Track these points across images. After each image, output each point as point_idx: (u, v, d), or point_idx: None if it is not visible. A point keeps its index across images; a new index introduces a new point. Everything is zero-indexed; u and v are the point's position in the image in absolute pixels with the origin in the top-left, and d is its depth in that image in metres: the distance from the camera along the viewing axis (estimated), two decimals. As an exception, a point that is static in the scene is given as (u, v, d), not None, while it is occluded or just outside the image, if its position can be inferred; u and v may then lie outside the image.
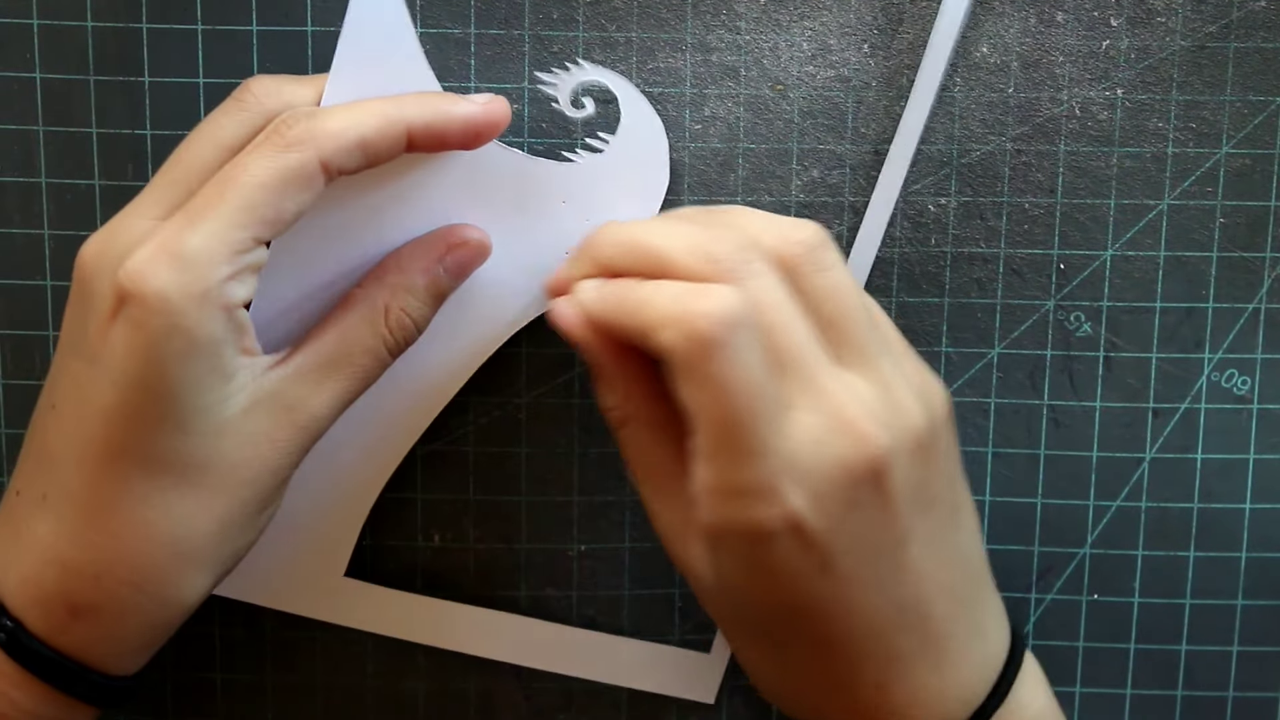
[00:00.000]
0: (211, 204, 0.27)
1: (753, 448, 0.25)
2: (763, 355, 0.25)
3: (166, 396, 0.26)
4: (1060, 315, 0.35)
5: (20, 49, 0.34)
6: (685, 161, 0.35)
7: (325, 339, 0.29)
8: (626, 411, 0.28)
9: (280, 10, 0.34)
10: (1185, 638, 0.36)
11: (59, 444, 0.27)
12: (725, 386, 0.25)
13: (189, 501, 0.27)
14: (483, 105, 0.30)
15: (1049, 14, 0.34)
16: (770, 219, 0.28)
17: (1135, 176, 0.35)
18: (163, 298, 0.26)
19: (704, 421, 0.25)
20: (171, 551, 0.27)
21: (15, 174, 0.34)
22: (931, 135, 0.34)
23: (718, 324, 0.24)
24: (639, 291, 0.26)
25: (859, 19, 0.34)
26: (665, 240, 0.27)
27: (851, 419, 0.25)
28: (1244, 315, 0.35)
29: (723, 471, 0.25)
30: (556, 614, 0.36)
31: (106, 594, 0.27)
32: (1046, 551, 0.36)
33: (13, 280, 0.35)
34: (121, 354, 0.26)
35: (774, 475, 0.25)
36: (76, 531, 0.27)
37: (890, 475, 0.26)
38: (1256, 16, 0.34)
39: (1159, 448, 0.36)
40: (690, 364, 0.25)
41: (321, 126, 0.27)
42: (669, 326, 0.25)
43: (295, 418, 0.28)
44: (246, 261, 0.27)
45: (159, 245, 0.26)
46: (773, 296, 0.26)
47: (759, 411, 0.25)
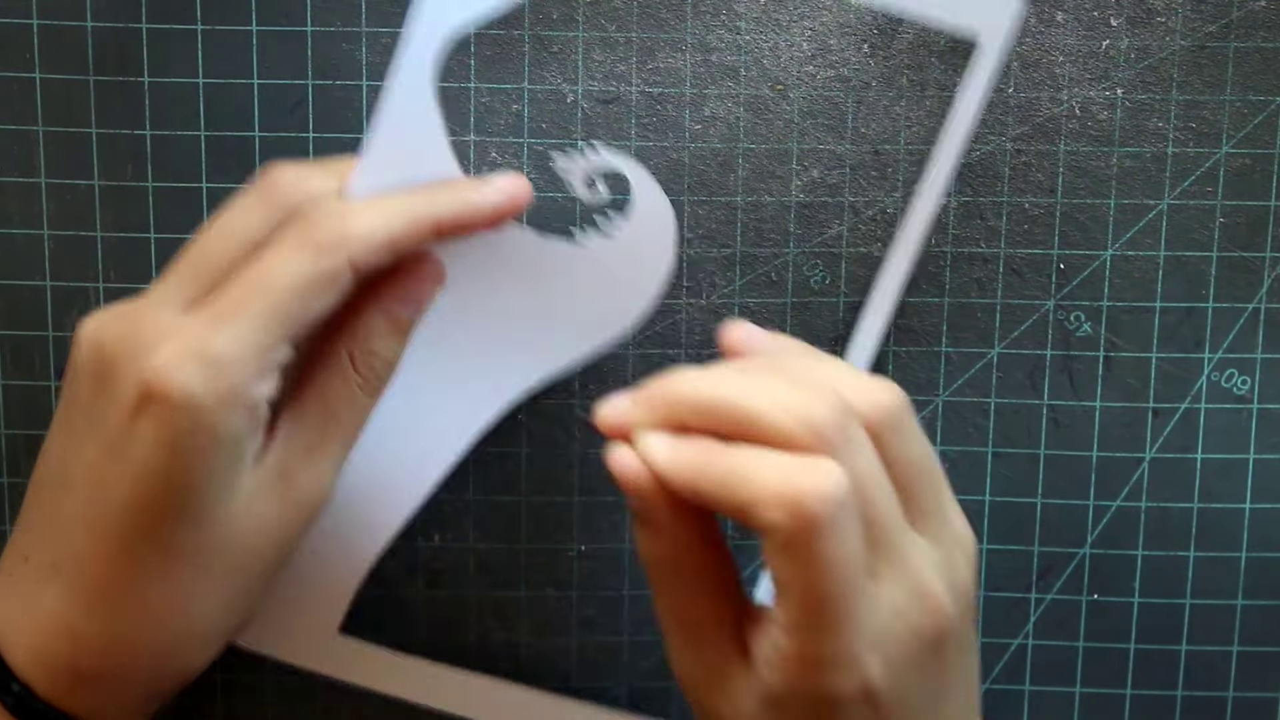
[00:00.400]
0: (241, 306, 0.26)
1: (842, 622, 0.25)
2: (859, 530, 0.25)
3: (186, 491, 0.26)
4: (1060, 315, 0.35)
5: (20, 49, 0.34)
6: (685, 162, 0.35)
7: (304, 402, 0.29)
8: (675, 562, 0.27)
9: (280, 10, 0.34)
10: (1185, 638, 0.36)
11: (72, 521, 0.27)
12: (826, 564, 0.24)
13: (199, 582, 0.28)
14: (507, 193, 0.30)
15: (1049, 14, 0.34)
16: (852, 375, 0.27)
17: (1135, 176, 0.35)
18: (190, 398, 0.26)
19: (799, 596, 0.25)
20: (181, 627, 0.28)
21: (15, 174, 0.34)
22: (931, 135, 0.34)
23: (829, 504, 0.24)
24: (733, 461, 0.25)
25: (859, 19, 0.34)
26: (759, 401, 0.25)
27: (929, 589, 0.26)
28: (1244, 315, 0.35)
29: (808, 643, 0.25)
30: (556, 614, 0.36)
31: (114, 664, 0.28)
32: (1046, 551, 0.36)
33: (13, 280, 0.35)
34: (145, 450, 0.26)
35: (856, 646, 0.25)
36: (88, 604, 0.27)
37: (950, 639, 0.26)
38: (1256, 16, 0.34)
39: (1159, 448, 0.36)
40: (792, 541, 0.24)
41: (352, 229, 0.27)
42: (775, 505, 0.24)
43: (298, 488, 0.28)
44: (272, 361, 0.27)
45: (186, 345, 0.26)
46: (871, 469, 0.26)
47: (853, 587, 0.25)
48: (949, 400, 0.36)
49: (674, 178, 0.35)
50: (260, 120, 0.34)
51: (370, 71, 0.34)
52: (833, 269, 0.35)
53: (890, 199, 0.35)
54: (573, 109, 0.34)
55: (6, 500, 0.36)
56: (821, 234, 0.35)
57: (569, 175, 0.33)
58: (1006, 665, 0.36)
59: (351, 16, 0.34)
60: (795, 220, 0.35)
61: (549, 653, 0.36)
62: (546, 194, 0.35)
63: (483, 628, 0.36)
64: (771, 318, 0.35)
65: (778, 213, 0.35)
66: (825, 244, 0.35)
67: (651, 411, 0.26)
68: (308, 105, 0.34)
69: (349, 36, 0.34)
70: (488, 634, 0.36)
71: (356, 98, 0.34)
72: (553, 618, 0.36)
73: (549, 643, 0.36)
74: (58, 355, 0.35)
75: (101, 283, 0.35)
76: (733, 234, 0.35)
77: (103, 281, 0.35)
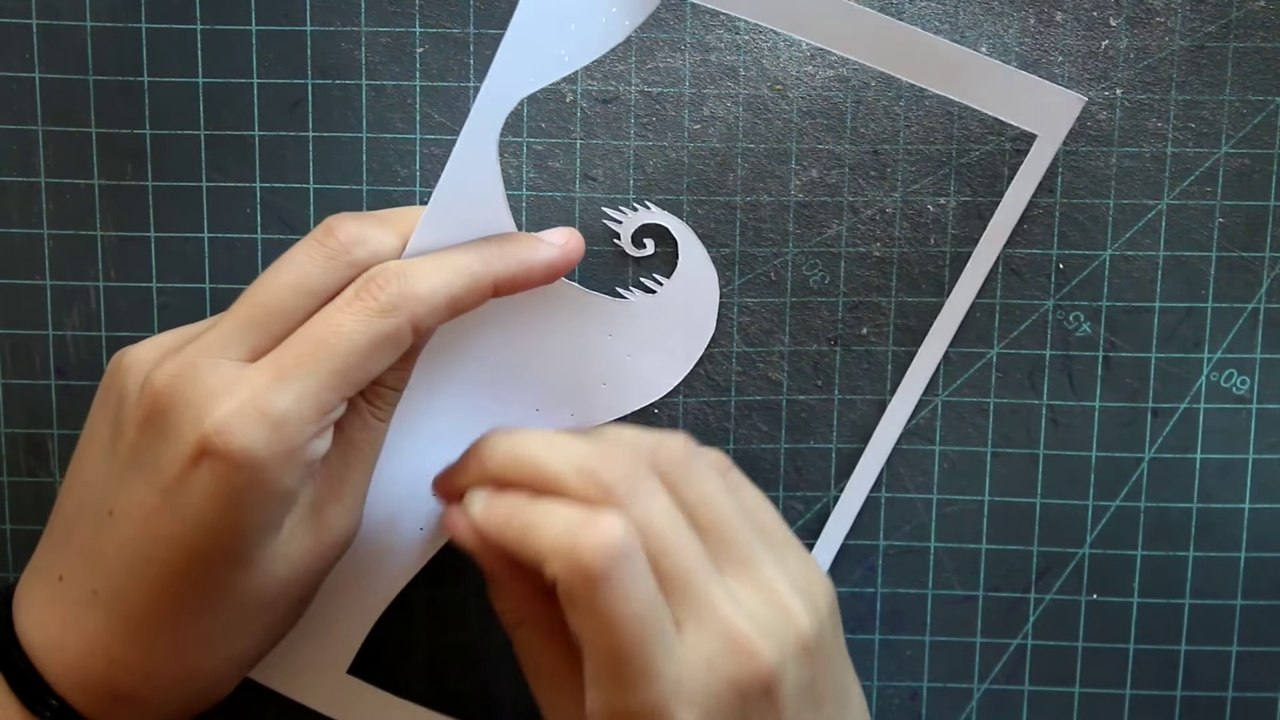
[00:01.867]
0: (304, 364, 0.27)
1: (642, 675, 0.25)
2: (650, 580, 0.25)
3: (236, 541, 0.27)
4: (1059, 315, 0.35)
5: (20, 49, 0.34)
6: (685, 161, 0.35)
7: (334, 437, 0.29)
8: (520, 616, 0.29)
9: (280, 10, 0.34)
10: (1184, 638, 0.36)
11: (115, 551, 0.27)
12: (612, 618, 0.25)
13: (235, 619, 0.28)
14: (561, 248, 0.30)
15: (1048, 14, 0.34)
16: (643, 433, 0.28)
17: (1134, 176, 0.35)
18: (251, 457, 0.26)
19: (592, 650, 0.25)
20: (214, 660, 0.28)
21: (15, 174, 0.35)
22: (931, 135, 0.34)
23: (604, 558, 0.24)
24: (526, 514, 0.26)
25: (858, 19, 0.34)
26: (553, 459, 0.27)
27: (740, 636, 0.26)
28: (1243, 315, 0.35)
29: (612, 699, 0.25)
30: (556, 614, 0.36)
31: (148, 688, 0.28)
32: (1046, 551, 0.36)
33: (13, 280, 0.35)
34: (201, 502, 0.26)
35: (664, 700, 0.25)
36: (127, 634, 0.28)
37: (780, 686, 0.26)
38: (1256, 16, 0.34)
39: (1158, 448, 0.36)
40: (576, 596, 0.25)
41: (414, 290, 0.27)
42: (555, 558, 0.25)
43: (329, 522, 0.29)
44: (329, 419, 0.27)
45: (248, 401, 0.26)
46: (662, 518, 0.26)
47: (647, 639, 0.25)
48: (949, 400, 0.36)
49: (673, 177, 0.35)
50: (260, 119, 0.34)
51: (369, 71, 0.34)
52: (831, 269, 0.35)
53: (889, 199, 0.35)
54: (572, 108, 0.34)
55: (7, 500, 0.36)
56: (820, 234, 0.35)
57: (618, 229, 0.34)
58: (1006, 665, 0.36)
59: (351, 16, 0.34)
60: (794, 220, 0.35)
61: (548, 652, 0.36)
62: (546, 193, 0.35)
63: (483, 628, 0.36)
64: (770, 317, 0.35)
65: (776, 212, 0.35)
66: (824, 244, 0.35)
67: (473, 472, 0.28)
68: (307, 104, 0.34)
69: (349, 36, 0.34)
70: (488, 634, 0.36)
71: (356, 97, 0.34)
72: (552, 617, 0.36)
73: (548, 642, 0.36)
74: (58, 355, 0.35)
75: (101, 282, 0.35)
76: (731, 234, 0.35)
77: (103, 281, 0.35)
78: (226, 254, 0.35)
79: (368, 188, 0.35)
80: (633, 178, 0.35)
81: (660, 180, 0.35)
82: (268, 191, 0.35)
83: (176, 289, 0.35)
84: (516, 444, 0.28)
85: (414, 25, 0.34)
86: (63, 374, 0.35)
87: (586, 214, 0.35)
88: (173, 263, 0.35)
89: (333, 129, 0.34)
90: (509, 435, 0.28)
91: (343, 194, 0.35)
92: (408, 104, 0.34)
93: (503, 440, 0.28)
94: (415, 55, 0.34)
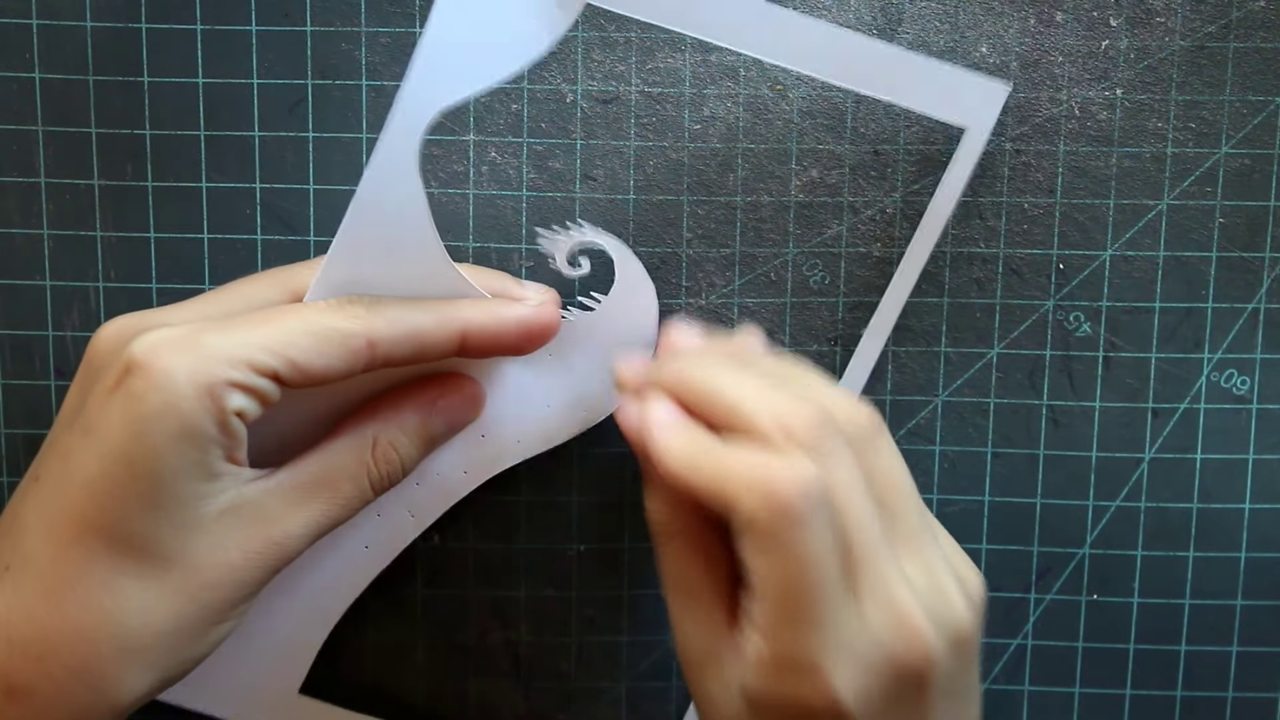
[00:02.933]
0: (251, 322, 0.27)
1: (812, 625, 0.25)
2: (834, 536, 0.25)
3: (148, 476, 0.26)
4: (1059, 315, 0.35)
5: (20, 49, 0.34)
6: (685, 162, 0.35)
7: (311, 461, 0.29)
8: (674, 528, 0.28)
9: (280, 10, 0.34)
10: (1184, 638, 0.36)
11: (33, 515, 0.27)
12: (798, 558, 0.24)
13: (148, 593, 0.27)
14: (535, 307, 0.30)
15: (1048, 14, 0.34)
16: (837, 393, 0.28)
17: (1134, 176, 0.35)
18: (168, 375, 0.26)
19: (769, 590, 0.25)
20: (120, 644, 0.27)
21: (15, 174, 0.34)
22: (931, 135, 0.34)
23: (798, 495, 0.24)
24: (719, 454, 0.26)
25: (858, 19, 0.34)
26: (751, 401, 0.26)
27: (908, 615, 0.26)
28: (1243, 315, 0.35)
29: (779, 643, 0.25)
30: (556, 613, 0.36)
31: (46, 677, 0.26)
32: (1046, 551, 0.36)
33: (13, 280, 0.35)
34: (114, 425, 0.26)
35: (828, 656, 0.25)
36: (31, 608, 0.26)
37: (932, 673, 0.26)
38: (1256, 16, 0.34)
39: (1158, 448, 0.36)
40: (766, 531, 0.25)
41: (379, 311, 0.28)
42: (750, 494, 0.25)
43: (269, 532, 0.28)
44: (257, 384, 0.27)
45: (181, 332, 0.26)
46: (848, 481, 0.26)
47: (824, 590, 0.25)
48: (949, 400, 0.36)
49: (673, 178, 0.35)
50: (260, 120, 0.34)
51: (369, 71, 0.34)
52: (832, 269, 0.35)
53: (889, 199, 0.35)
54: (572, 109, 0.34)
55: (6, 500, 0.36)
56: (821, 234, 0.35)
57: (553, 251, 0.33)
58: (1006, 665, 0.36)
59: (351, 16, 0.34)
60: (794, 220, 0.35)
61: (548, 652, 0.36)
62: (546, 193, 0.35)
63: (482, 628, 0.36)
64: (771, 318, 0.35)
65: (777, 213, 0.35)
66: (824, 244, 0.35)
67: (657, 385, 0.28)
68: (307, 105, 0.34)
69: (349, 36, 0.34)
70: (487, 634, 0.36)
71: (356, 98, 0.34)
72: (552, 617, 0.36)
73: (548, 642, 0.36)
74: (58, 355, 0.35)
75: (101, 283, 0.35)
76: (732, 234, 0.35)
77: (103, 281, 0.35)
78: (226, 255, 0.35)
79: (368, 188, 0.35)
80: (633, 178, 0.35)
81: (660, 180, 0.35)
82: (267, 192, 0.35)
83: (176, 289, 0.35)
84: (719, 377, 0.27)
85: (414, 25, 0.34)
86: (62, 374, 0.35)
87: (586, 215, 0.35)
88: (172, 263, 0.35)
89: (333, 129, 0.34)
90: (708, 365, 0.28)
91: (342, 194, 0.35)
92: (408, 104, 0.34)
93: (699, 368, 0.28)
94: (415, 55, 0.34)
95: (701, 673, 0.28)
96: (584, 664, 0.37)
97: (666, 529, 0.29)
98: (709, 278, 0.35)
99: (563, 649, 0.37)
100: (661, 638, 0.36)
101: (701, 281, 0.35)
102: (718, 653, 0.27)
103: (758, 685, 0.26)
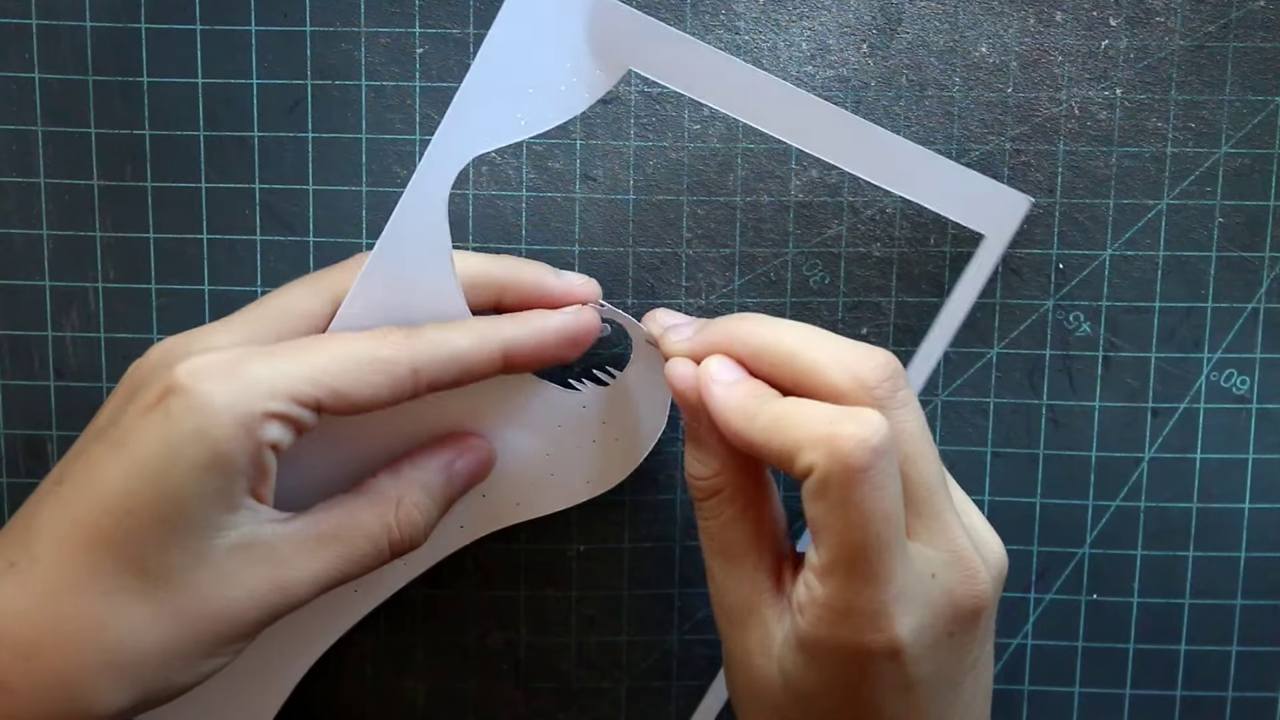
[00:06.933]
0: (296, 350, 0.27)
1: (877, 574, 0.25)
2: (899, 482, 0.25)
3: (170, 499, 0.26)
4: (1059, 315, 0.35)
5: (20, 49, 0.34)
6: (685, 162, 0.35)
7: (331, 513, 0.29)
8: (718, 484, 0.28)
9: (280, 10, 0.34)
10: (1184, 638, 0.36)
11: (48, 518, 0.27)
12: (864, 512, 0.25)
13: (144, 614, 0.27)
14: (574, 314, 0.30)
15: (1048, 14, 0.34)
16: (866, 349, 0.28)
17: (1134, 176, 0.35)
18: (207, 401, 0.26)
19: (834, 541, 0.25)
20: (106, 657, 0.26)
21: (14, 174, 0.34)
22: (931, 135, 0.34)
23: (867, 451, 0.24)
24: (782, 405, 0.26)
25: (858, 19, 0.34)
26: (816, 352, 0.27)
27: (966, 555, 0.26)
28: (1243, 315, 0.35)
29: (842, 592, 0.25)
30: (556, 614, 0.36)
31: (29, 677, 0.26)
32: (1045, 551, 0.36)
33: (12, 280, 0.35)
34: (146, 442, 0.26)
35: (891, 603, 0.25)
36: (27, 608, 0.26)
37: (986, 611, 0.27)
38: (1255, 16, 0.34)
39: (1158, 448, 0.36)
40: (833, 486, 0.25)
41: (419, 336, 0.28)
42: (815, 447, 0.25)
43: (278, 575, 0.28)
44: (297, 414, 0.27)
45: (227, 357, 0.27)
46: (917, 429, 0.27)
47: (889, 540, 0.25)
48: (948, 400, 0.36)
49: (673, 178, 0.35)
50: (259, 120, 0.34)
51: (369, 72, 0.34)
52: (832, 269, 0.35)
53: (889, 199, 0.35)
54: (572, 109, 0.34)
55: (6, 500, 0.36)
56: (820, 234, 0.35)
57: None
58: (1006, 665, 0.36)
59: (351, 16, 0.34)
60: (794, 220, 0.35)
61: (549, 653, 0.36)
62: (546, 193, 0.35)
63: (483, 628, 0.36)
64: (771, 318, 0.35)
65: (777, 213, 0.35)
66: (824, 244, 0.35)
67: (711, 345, 0.28)
68: (307, 105, 0.34)
69: (348, 36, 0.34)
70: (488, 634, 0.36)
71: (356, 98, 0.34)
72: (552, 618, 0.36)
73: (549, 643, 0.36)
74: (57, 355, 0.35)
75: (101, 283, 0.35)
76: (732, 234, 0.35)
77: (102, 281, 0.35)
78: (226, 255, 0.35)
79: (367, 189, 0.35)
80: (633, 178, 0.35)
81: (660, 180, 0.35)
82: (267, 192, 0.35)
83: (176, 290, 0.35)
84: (778, 330, 0.28)
85: (414, 25, 0.34)
86: (62, 375, 0.35)
87: (586, 215, 0.35)
88: (172, 264, 0.35)
89: (332, 130, 0.34)
90: (767, 322, 0.28)
91: (342, 195, 0.35)
92: (407, 105, 0.34)
93: (762, 325, 0.28)
94: (415, 56, 0.34)
95: (742, 627, 0.28)
96: (584, 664, 0.37)
97: (711, 486, 0.29)
98: (709, 278, 0.35)
99: (563, 649, 0.36)
100: (661, 638, 0.36)
101: (701, 281, 0.35)
102: (759, 608, 0.27)
103: (816, 633, 0.26)
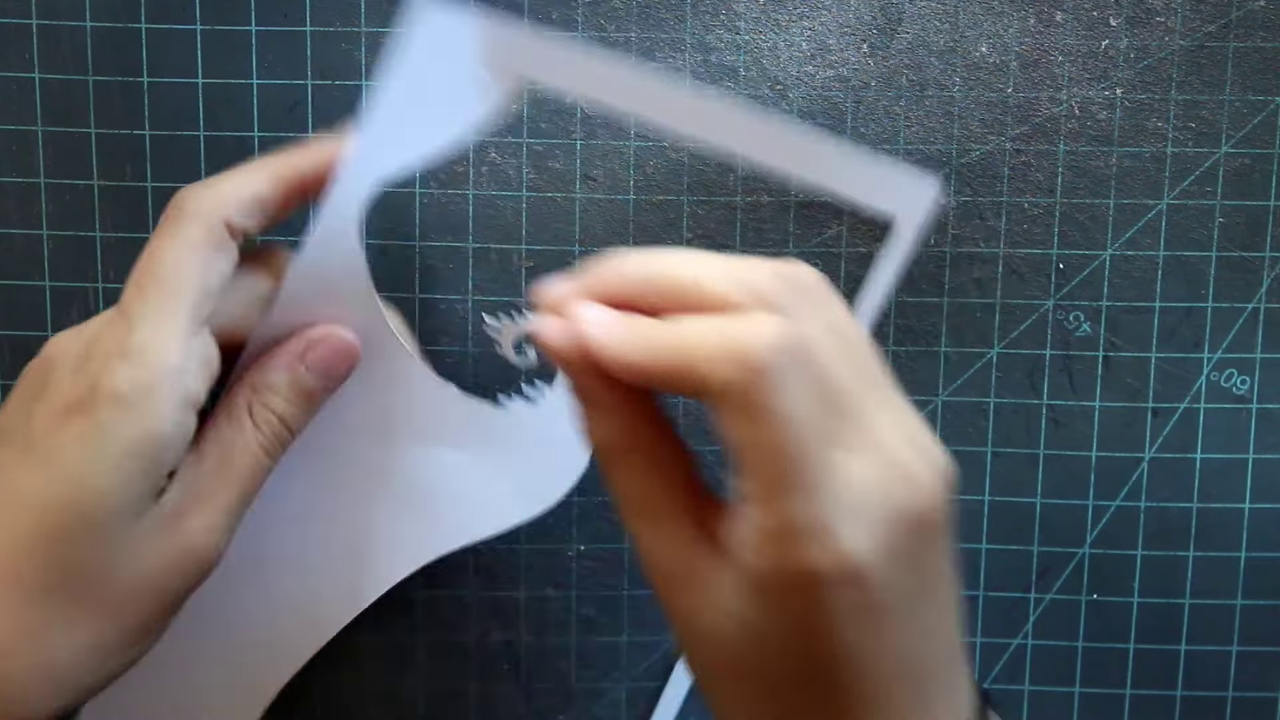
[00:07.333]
0: (139, 298, 0.27)
1: (808, 484, 0.23)
2: (814, 390, 0.24)
3: (97, 508, 0.26)
4: (1059, 315, 0.35)
5: (20, 49, 0.34)
6: (684, 162, 0.35)
7: (203, 448, 0.29)
8: (624, 443, 0.26)
9: (279, 10, 0.34)
10: (1184, 638, 0.36)
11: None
12: (781, 417, 0.23)
13: (74, 614, 0.26)
14: None
15: (1048, 14, 0.34)
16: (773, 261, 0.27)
17: (1134, 176, 0.35)
18: (117, 395, 0.26)
19: (757, 458, 0.24)
20: (42, 673, 0.26)
21: (14, 174, 0.34)
22: (931, 135, 0.34)
23: (774, 352, 0.23)
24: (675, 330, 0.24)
25: (858, 19, 0.34)
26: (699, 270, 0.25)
27: (903, 461, 0.24)
28: (1243, 315, 0.35)
29: (776, 511, 0.23)
30: (556, 614, 0.36)
31: None
32: (1045, 551, 0.36)
33: (12, 280, 0.35)
34: (72, 452, 0.26)
35: (831, 515, 0.23)
36: None
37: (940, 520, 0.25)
38: (1255, 16, 0.34)
39: (1158, 447, 0.36)
40: (743, 397, 0.23)
41: (217, 192, 0.28)
42: (721, 362, 0.23)
43: (187, 533, 0.28)
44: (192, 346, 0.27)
45: (110, 345, 0.26)
46: (820, 330, 0.25)
47: (814, 446, 0.23)
48: (948, 400, 0.36)
49: (674, 178, 0.35)
50: (259, 120, 0.34)
51: (369, 71, 0.34)
52: (832, 269, 0.35)
53: (889, 199, 0.35)
54: (572, 109, 0.34)
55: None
56: (820, 234, 0.35)
57: (498, 338, 0.32)
58: (1006, 665, 0.36)
59: (351, 16, 0.34)
60: (794, 220, 0.35)
61: (549, 653, 0.36)
62: (546, 193, 0.35)
63: (483, 628, 0.36)
64: (771, 318, 0.35)
65: (777, 213, 0.35)
66: (824, 244, 0.35)
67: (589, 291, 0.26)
68: (307, 105, 0.34)
69: (348, 36, 0.34)
70: (488, 634, 0.36)
71: (355, 98, 0.34)
72: (552, 618, 0.36)
73: (549, 643, 0.36)
74: (57, 355, 0.35)
75: (100, 283, 0.35)
76: (732, 234, 0.35)
77: (102, 282, 0.35)
78: (226, 254, 0.35)
79: (367, 188, 0.35)
80: (633, 178, 0.35)
81: (660, 180, 0.35)
82: (267, 192, 0.35)
83: (176, 289, 0.35)
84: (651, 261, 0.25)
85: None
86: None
87: (586, 215, 0.35)
88: (172, 263, 0.35)
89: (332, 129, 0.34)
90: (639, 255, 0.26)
91: (342, 194, 0.35)
92: (407, 104, 0.34)
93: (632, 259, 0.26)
94: (415, 55, 0.34)
95: (680, 590, 0.26)
96: (584, 664, 0.37)
97: (617, 445, 0.26)
98: (709, 278, 0.35)
99: (563, 649, 0.37)
100: (661, 638, 0.36)
101: (701, 281, 0.35)
102: (696, 563, 0.26)
103: (761, 564, 0.24)
